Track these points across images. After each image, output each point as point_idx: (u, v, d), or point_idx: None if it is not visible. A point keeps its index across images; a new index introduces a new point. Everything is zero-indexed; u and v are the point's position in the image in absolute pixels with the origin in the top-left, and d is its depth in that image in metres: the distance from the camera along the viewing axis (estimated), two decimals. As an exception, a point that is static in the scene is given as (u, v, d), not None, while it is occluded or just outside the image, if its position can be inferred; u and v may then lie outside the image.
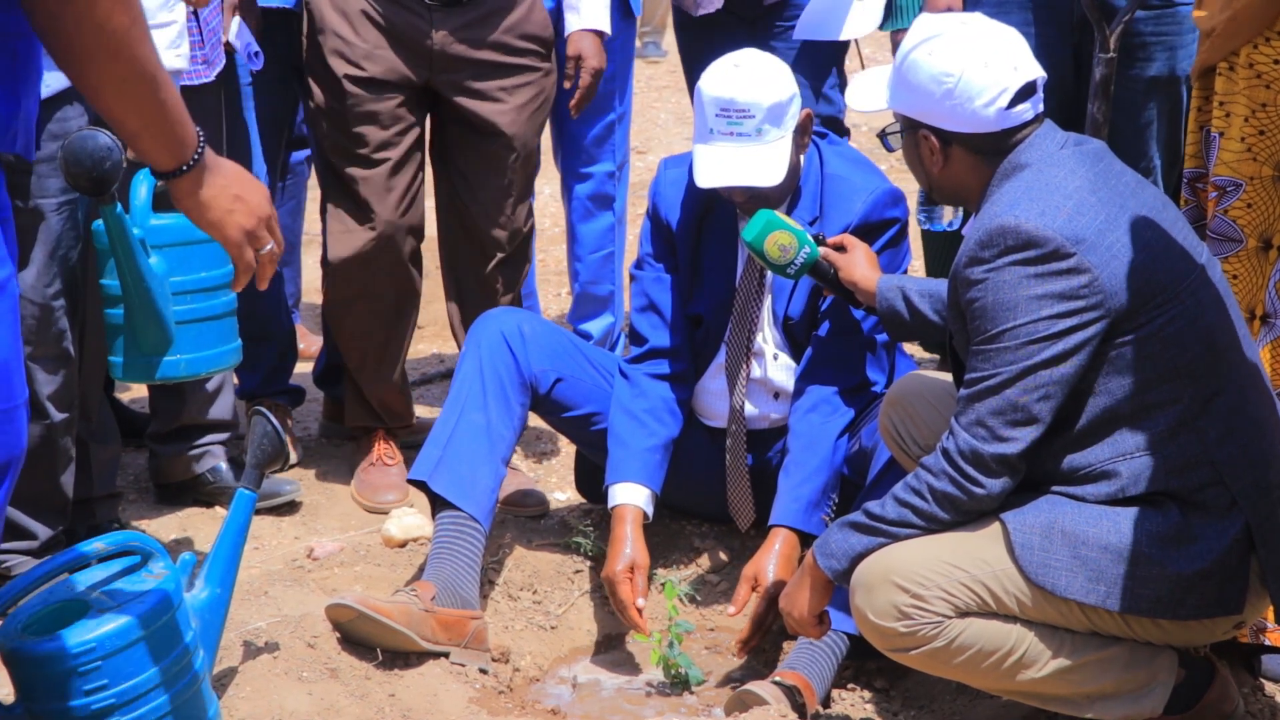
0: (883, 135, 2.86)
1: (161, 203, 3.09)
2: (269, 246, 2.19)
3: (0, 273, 1.87)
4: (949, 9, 3.77)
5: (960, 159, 2.67)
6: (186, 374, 3.06)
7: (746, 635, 3.21)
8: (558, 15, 3.95)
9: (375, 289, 3.80)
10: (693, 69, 4.16)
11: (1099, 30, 3.43)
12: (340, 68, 3.65)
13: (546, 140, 4.35)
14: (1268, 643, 2.97)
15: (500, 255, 3.83)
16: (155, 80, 1.91)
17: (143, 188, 2.98)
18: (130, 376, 3.06)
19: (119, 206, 2.81)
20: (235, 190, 2.12)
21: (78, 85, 1.89)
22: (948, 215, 3.60)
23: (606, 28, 3.90)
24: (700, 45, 4.11)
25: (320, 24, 3.67)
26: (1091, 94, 3.42)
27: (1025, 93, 2.61)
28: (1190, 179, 3.14)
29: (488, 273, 3.84)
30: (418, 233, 3.82)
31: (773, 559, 3.20)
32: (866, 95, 2.87)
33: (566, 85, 3.87)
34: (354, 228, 3.75)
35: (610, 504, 3.36)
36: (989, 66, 2.60)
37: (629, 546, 3.27)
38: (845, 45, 4.22)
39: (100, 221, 2.99)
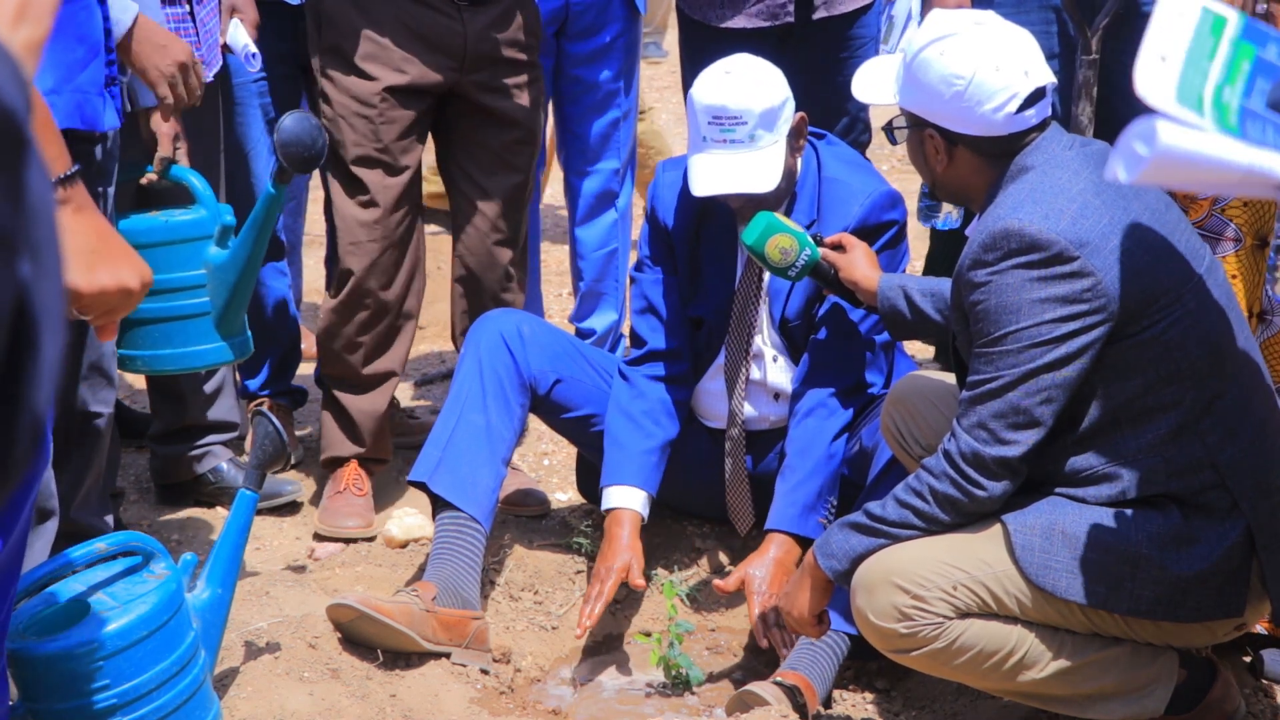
0: (888, 129, 2.84)
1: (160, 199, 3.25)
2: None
3: None
4: (959, 6, 3.76)
5: (965, 160, 2.66)
6: (250, 351, 3.34)
7: (761, 637, 3.20)
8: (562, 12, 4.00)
9: (378, 299, 3.73)
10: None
11: (1080, 33, 3.42)
12: (377, 73, 3.57)
13: (551, 139, 4.36)
14: (1261, 631, 2.96)
15: (511, 254, 3.79)
16: None
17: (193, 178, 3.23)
18: (237, 355, 3.26)
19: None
20: None
21: None
22: (946, 210, 3.59)
23: None
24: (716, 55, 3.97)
25: (346, 29, 3.58)
26: (1075, 96, 3.42)
27: (1034, 98, 2.60)
28: None
29: (501, 274, 3.79)
30: (420, 242, 3.78)
31: (765, 564, 3.21)
32: (872, 87, 2.84)
33: None
34: (363, 239, 3.67)
35: (605, 506, 3.36)
36: (1000, 71, 2.58)
37: (623, 549, 3.27)
38: None
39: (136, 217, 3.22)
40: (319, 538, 3.71)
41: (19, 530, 1.88)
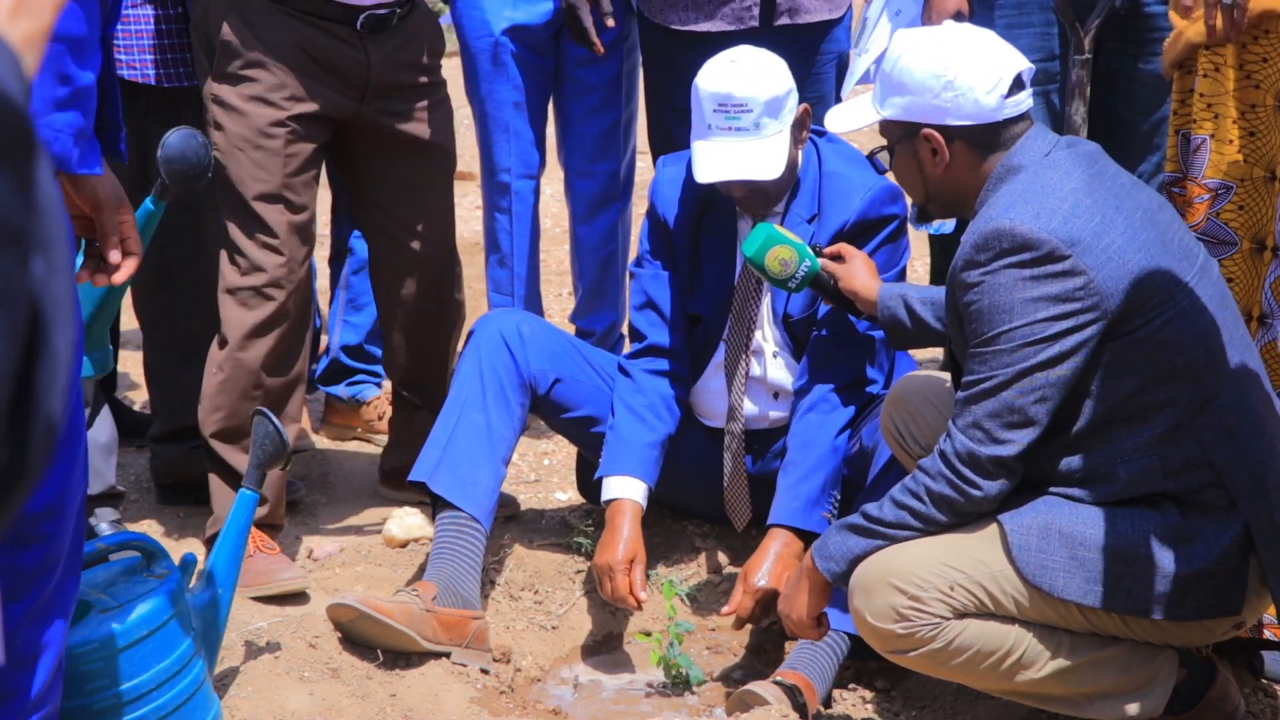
0: (872, 157, 2.86)
1: None
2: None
3: None
4: (958, 11, 3.76)
5: (962, 156, 2.67)
6: (110, 367, 3.26)
7: (734, 621, 3.21)
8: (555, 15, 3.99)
9: (275, 335, 3.43)
10: (664, 86, 3.99)
11: (1073, 33, 3.43)
12: (279, 100, 3.34)
13: (551, 139, 4.36)
14: (1271, 636, 2.96)
15: (448, 275, 3.67)
16: None
17: None
18: (97, 369, 3.04)
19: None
20: None
21: None
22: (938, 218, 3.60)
23: None
24: (681, 59, 3.82)
25: (242, 56, 3.34)
26: (1068, 95, 3.42)
27: (1018, 83, 2.64)
28: (1168, 183, 3.13)
29: (437, 298, 3.66)
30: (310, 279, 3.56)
31: (769, 559, 3.20)
32: (847, 116, 2.86)
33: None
34: (263, 283, 3.38)
35: (605, 496, 3.34)
36: (981, 56, 2.62)
37: (628, 539, 3.26)
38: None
39: None
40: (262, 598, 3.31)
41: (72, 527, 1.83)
